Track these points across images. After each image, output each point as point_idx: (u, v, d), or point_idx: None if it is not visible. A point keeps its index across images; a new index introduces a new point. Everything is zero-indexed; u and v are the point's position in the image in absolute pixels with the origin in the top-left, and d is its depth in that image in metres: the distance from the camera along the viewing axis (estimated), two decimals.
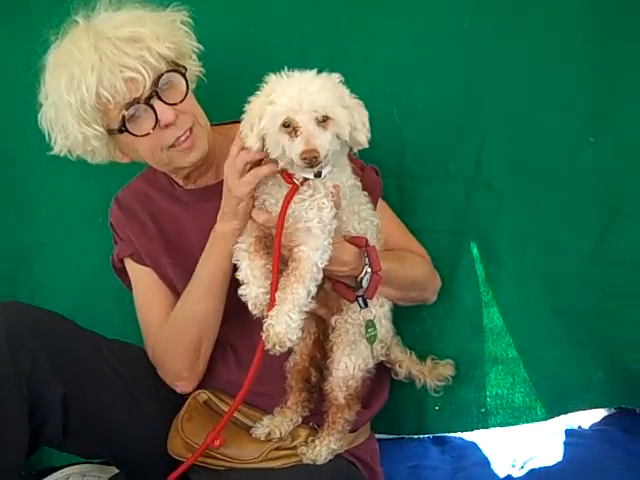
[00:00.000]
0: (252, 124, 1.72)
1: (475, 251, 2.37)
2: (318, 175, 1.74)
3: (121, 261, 2.19)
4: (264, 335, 1.71)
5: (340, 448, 1.97)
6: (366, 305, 1.87)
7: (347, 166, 1.87)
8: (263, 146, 1.73)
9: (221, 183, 2.01)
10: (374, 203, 2.02)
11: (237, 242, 1.85)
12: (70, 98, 1.86)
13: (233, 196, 1.82)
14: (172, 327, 2.06)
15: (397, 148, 2.34)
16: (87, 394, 1.96)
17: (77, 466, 2.33)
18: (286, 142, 1.68)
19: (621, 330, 2.32)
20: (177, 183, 2.13)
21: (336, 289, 1.91)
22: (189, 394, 2.09)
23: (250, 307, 1.78)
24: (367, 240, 1.86)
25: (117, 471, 2.26)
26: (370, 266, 1.85)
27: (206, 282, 1.98)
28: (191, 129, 1.95)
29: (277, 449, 1.96)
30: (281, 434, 1.97)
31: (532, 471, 2.16)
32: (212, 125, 2.07)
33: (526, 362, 2.37)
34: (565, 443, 2.30)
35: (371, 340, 1.94)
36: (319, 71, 1.73)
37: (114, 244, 2.20)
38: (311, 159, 1.65)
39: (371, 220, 1.93)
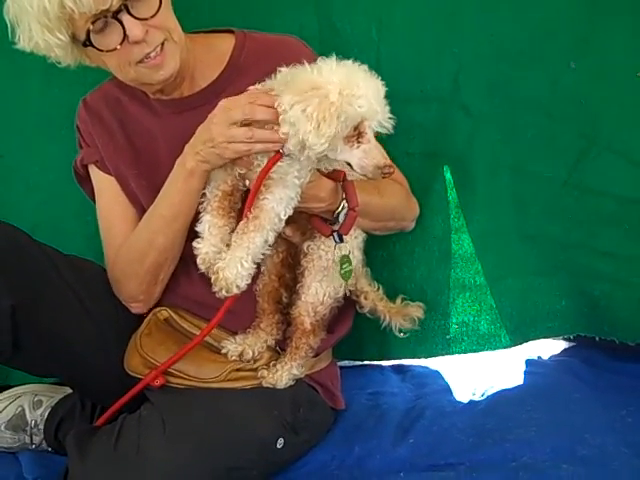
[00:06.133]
0: (321, 121, 1.56)
1: (448, 176, 2.32)
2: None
3: (85, 167, 2.10)
4: (213, 277, 1.71)
5: (301, 374, 1.96)
6: (341, 240, 1.82)
7: None
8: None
9: (196, 95, 1.96)
10: None
11: (207, 187, 1.81)
12: (31, 4, 1.72)
13: (211, 148, 1.74)
14: (131, 253, 2.00)
15: (373, 66, 2.21)
16: (39, 308, 1.90)
17: (29, 385, 2.30)
18: (342, 145, 1.62)
19: (588, 259, 2.30)
20: None
21: (312, 223, 1.86)
22: (148, 312, 2.06)
23: (198, 261, 1.77)
24: (345, 174, 1.79)
25: (70, 391, 2.25)
26: (347, 202, 1.80)
27: (168, 214, 1.91)
28: (162, 45, 1.82)
29: (238, 370, 1.93)
30: (253, 354, 1.95)
31: (492, 398, 2.17)
32: (190, 33, 1.96)
33: (493, 289, 2.35)
34: (525, 372, 2.32)
35: (345, 277, 1.90)
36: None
37: (79, 148, 2.10)
38: (386, 174, 1.63)
39: None
